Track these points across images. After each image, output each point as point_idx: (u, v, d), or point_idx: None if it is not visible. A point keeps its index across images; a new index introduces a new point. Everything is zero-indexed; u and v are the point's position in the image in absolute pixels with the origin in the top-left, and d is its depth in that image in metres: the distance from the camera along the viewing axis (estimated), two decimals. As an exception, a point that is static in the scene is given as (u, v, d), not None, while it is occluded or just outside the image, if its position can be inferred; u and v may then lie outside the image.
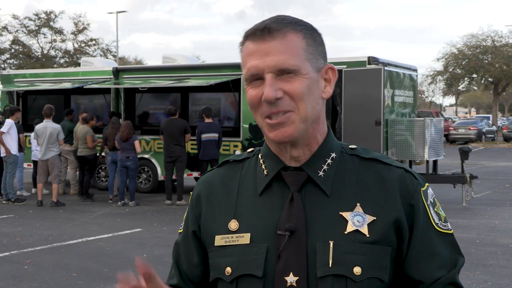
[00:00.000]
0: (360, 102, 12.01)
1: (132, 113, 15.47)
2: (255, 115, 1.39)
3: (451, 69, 47.64)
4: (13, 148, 12.45)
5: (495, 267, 7.46)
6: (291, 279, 1.34)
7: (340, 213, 1.37)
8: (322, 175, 1.40)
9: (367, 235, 1.35)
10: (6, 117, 13.24)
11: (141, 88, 14.74)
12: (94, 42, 46.99)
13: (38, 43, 46.23)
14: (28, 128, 15.19)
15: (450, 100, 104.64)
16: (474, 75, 47.96)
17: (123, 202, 12.56)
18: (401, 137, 12.35)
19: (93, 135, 13.35)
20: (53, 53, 46.71)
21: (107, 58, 44.88)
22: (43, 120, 12.50)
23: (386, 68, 12.27)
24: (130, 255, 8.04)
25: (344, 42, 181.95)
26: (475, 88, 63.18)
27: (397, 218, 1.38)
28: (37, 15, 45.20)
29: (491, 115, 52.47)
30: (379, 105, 11.93)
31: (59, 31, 45.88)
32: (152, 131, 14.68)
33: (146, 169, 14.43)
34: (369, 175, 1.42)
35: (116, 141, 12.54)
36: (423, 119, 12.63)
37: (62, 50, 46.93)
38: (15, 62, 44.80)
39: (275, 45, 1.34)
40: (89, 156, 13.36)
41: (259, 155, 1.49)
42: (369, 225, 1.36)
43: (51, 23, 45.39)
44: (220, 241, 1.42)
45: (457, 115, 79.27)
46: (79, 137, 13.33)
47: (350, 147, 1.48)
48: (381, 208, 1.38)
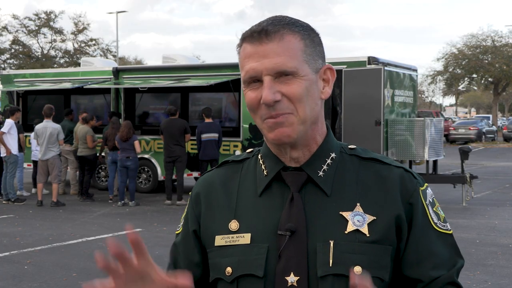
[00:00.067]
0: (360, 102, 12.01)
1: (132, 113, 15.47)
2: (254, 117, 1.39)
3: (451, 69, 47.65)
4: (13, 148, 12.45)
5: (495, 267, 7.47)
6: (292, 279, 1.34)
7: (340, 213, 1.37)
8: (322, 175, 1.40)
9: (367, 235, 1.35)
10: (6, 117, 13.24)
11: (141, 88, 14.75)
12: (94, 42, 47.02)
13: (38, 43, 46.29)
14: (28, 128, 15.19)
15: (450, 100, 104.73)
16: (474, 75, 47.97)
17: (123, 202, 12.57)
18: (401, 137, 12.35)
19: (93, 135, 13.35)
20: (53, 53, 46.73)
21: (107, 58, 44.89)
22: (43, 120, 12.50)
23: (386, 68, 12.26)
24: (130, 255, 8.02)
25: (344, 42, 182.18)
26: (475, 88, 63.19)
27: (397, 215, 1.38)
28: (37, 15, 45.23)
29: (491, 115, 52.47)
30: (379, 105, 11.93)
31: (59, 31, 45.90)
32: (152, 131, 14.68)
33: (146, 169, 14.43)
34: (369, 175, 1.42)
35: (116, 141, 12.54)
36: (423, 119, 12.62)
37: (62, 50, 46.97)
38: (15, 62, 44.80)
39: (273, 47, 1.34)
40: (89, 156, 13.36)
41: (259, 155, 1.49)
42: (369, 224, 1.36)
43: (51, 23, 45.40)
44: (220, 241, 1.42)
45: (457, 115, 79.27)
46: (79, 137, 13.33)
47: (349, 147, 1.48)
48: (381, 207, 1.38)
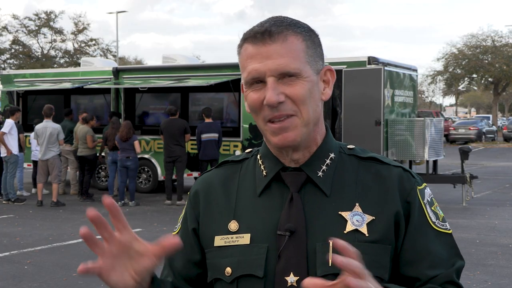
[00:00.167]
0: (360, 102, 12.00)
1: (132, 113, 15.47)
2: (256, 118, 1.38)
3: (451, 69, 47.65)
4: (14, 148, 12.45)
5: (495, 267, 7.47)
6: (292, 279, 1.34)
7: (339, 213, 1.37)
8: (321, 176, 1.41)
9: (366, 235, 1.35)
10: (6, 117, 13.24)
11: (141, 88, 14.75)
12: (94, 42, 47.02)
13: (38, 43, 46.29)
14: (28, 128, 15.19)
15: (450, 100, 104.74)
16: (474, 75, 47.97)
17: (123, 202, 12.56)
18: (401, 137, 12.35)
19: (93, 135, 13.34)
20: (53, 53, 46.73)
21: (107, 58, 44.89)
22: (43, 120, 12.50)
23: (386, 68, 12.26)
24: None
25: (344, 42, 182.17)
26: (475, 88, 63.20)
27: (396, 212, 1.38)
28: (37, 15, 45.23)
29: (491, 115, 52.47)
30: (379, 105, 11.93)
31: (59, 31, 45.90)
32: (152, 131, 14.68)
33: (146, 169, 14.43)
34: (368, 175, 1.42)
35: (116, 141, 12.54)
36: (423, 119, 12.62)
37: (62, 50, 46.99)
38: (15, 62, 44.80)
39: (276, 48, 1.33)
40: (89, 156, 13.36)
41: (258, 155, 1.49)
42: (368, 224, 1.36)
43: (51, 23, 45.41)
44: (219, 241, 1.42)
45: (457, 115, 79.26)
46: (79, 137, 13.33)
47: (348, 147, 1.48)
48: (380, 207, 1.38)
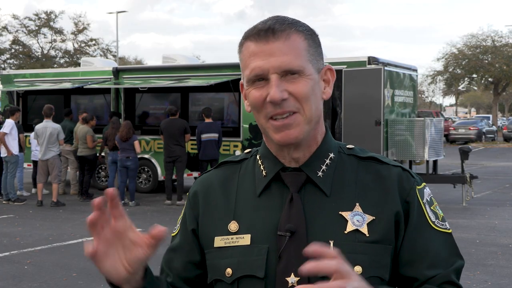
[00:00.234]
0: (360, 102, 12.00)
1: (132, 113, 15.47)
2: (258, 116, 1.38)
3: (451, 69, 47.65)
4: (14, 148, 12.45)
5: (495, 267, 7.46)
6: (293, 279, 1.33)
7: (339, 213, 1.37)
8: (321, 176, 1.40)
9: (367, 235, 1.35)
10: (6, 117, 13.24)
11: (141, 88, 14.75)
12: (94, 42, 47.03)
13: (38, 43, 46.30)
14: (28, 128, 15.19)
15: (450, 100, 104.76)
16: (474, 75, 47.97)
17: (123, 202, 12.57)
18: (401, 137, 12.35)
19: (93, 135, 13.35)
20: (53, 53, 46.74)
21: (107, 58, 44.89)
22: (43, 120, 12.50)
23: (386, 68, 12.26)
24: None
25: (344, 42, 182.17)
26: (475, 88, 63.19)
27: (396, 212, 1.38)
28: (37, 15, 45.25)
29: (491, 115, 52.48)
30: (379, 105, 11.93)
31: (59, 31, 45.91)
32: (152, 131, 14.68)
33: (146, 169, 14.43)
34: (368, 174, 1.42)
35: (116, 141, 12.55)
36: (423, 119, 12.62)
37: (62, 50, 46.99)
38: (15, 62, 44.82)
39: (279, 46, 1.33)
40: (89, 156, 13.36)
41: (257, 156, 1.48)
42: (368, 224, 1.36)
43: (51, 23, 45.42)
44: (219, 242, 1.42)
45: (457, 115, 79.26)
46: (79, 137, 13.33)
47: (347, 147, 1.48)
48: (380, 207, 1.38)
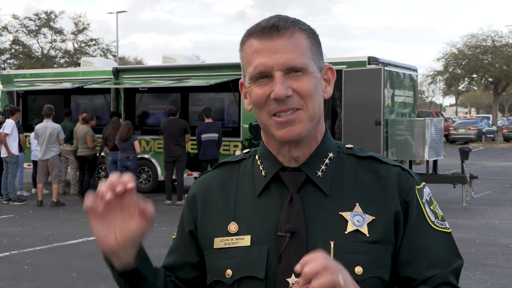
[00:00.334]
0: (360, 102, 12.00)
1: (132, 113, 15.47)
2: (260, 113, 1.37)
3: (451, 69, 47.64)
4: (14, 148, 12.45)
5: (495, 267, 7.46)
6: (293, 280, 1.33)
7: (339, 213, 1.37)
8: (320, 175, 1.40)
9: (367, 235, 1.35)
10: (6, 117, 13.24)
11: (141, 88, 14.74)
12: (94, 42, 47.02)
13: (38, 43, 46.30)
14: (28, 128, 15.18)
15: (450, 100, 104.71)
16: (474, 75, 47.96)
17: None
18: (401, 137, 12.35)
19: (93, 135, 13.34)
20: (53, 53, 46.74)
21: (107, 58, 44.89)
22: (43, 120, 12.50)
23: (386, 68, 12.26)
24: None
25: (344, 42, 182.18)
26: (475, 88, 63.17)
27: (396, 212, 1.38)
28: (37, 15, 45.25)
29: (491, 115, 52.46)
30: (379, 105, 11.93)
31: (59, 31, 45.91)
32: (152, 131, 14.67)
33: (146, 169, 14.43)
34: (367, 174, 1.42)
35: (116, 141, 12.54)
36: (423, 119, 12.62)
37: (62, 50, 47.00)
38: (15, 62, 44.81)
39: (283, 43, 1.34)
40: (89, 156, 13.35)
41: (256, 156, 1.47)
42: (368, 224, 1.36)
43: (51, 23, 45.41)
44: (219, 243, 1.41)
45: (457, 115, 79.24)
46: (79, 137, 13.32)
47: (346, 146, 1.47)
48: (380, 207, 1.38)
